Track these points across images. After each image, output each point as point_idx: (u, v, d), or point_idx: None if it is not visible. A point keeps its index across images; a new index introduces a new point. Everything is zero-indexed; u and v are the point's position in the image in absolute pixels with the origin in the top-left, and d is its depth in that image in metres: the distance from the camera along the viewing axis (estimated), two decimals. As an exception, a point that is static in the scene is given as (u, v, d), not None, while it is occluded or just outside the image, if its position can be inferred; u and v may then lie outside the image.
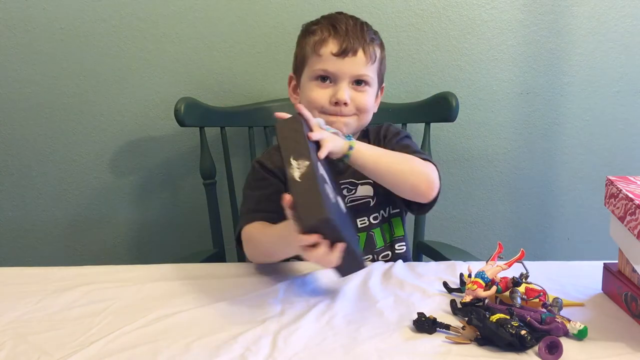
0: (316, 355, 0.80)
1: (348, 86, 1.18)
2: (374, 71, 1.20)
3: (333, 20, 1.20)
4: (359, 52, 1.17)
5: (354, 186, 1.23)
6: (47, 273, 1.11)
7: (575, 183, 1.70)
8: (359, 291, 1.01)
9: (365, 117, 1.21)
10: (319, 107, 1.19)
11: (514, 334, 0.79)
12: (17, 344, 0.84)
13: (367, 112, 1.21)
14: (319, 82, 1.19)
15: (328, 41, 1.17)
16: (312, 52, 1.20)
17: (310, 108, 1.15)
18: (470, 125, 1.65)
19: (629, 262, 0.94)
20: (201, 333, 0.86)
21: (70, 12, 1.58)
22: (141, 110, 1.64)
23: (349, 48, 1.16)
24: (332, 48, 1.17)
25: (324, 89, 1.19)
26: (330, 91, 1.18)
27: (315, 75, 1.19)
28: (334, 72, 1.17)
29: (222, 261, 1.53)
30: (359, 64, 1.17)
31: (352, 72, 1.17)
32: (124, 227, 1.72)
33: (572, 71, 1.63)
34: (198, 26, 1.59)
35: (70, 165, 1.68)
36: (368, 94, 1.20)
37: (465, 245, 1.67)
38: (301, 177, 0.86)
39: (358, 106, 1.19)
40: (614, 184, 0.97)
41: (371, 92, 1.21)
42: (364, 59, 1.17)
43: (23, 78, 1.62)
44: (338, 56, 1.16)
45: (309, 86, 1.20)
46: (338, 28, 1.18)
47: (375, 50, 1.19)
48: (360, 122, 1.21)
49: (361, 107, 1.19)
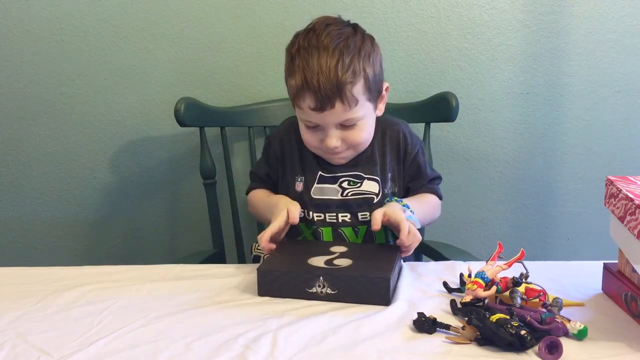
0: (316, 355, 0.80)
1: (336, 129, 1.16)
2: (361, 108, 1.14)
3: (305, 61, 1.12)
4: (336, 104, 1.11)
5: (360, 179, 1.23)
6: (47, 273, 1.11)
7: (575, 183, 1.70)
8: (359, 291, 1.01)
9: (362, 147, 1.22)
10: (312, 149, 1.22)
11: (514, 334, 0.79)
12: (17, 344, 0.84)
13: (362, 143, 1.20)
14: (307, 128, 1.19)
15: (305, 95, 1.12)
16: (293, 101, 1.17)
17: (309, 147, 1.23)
18: (470, 125, 1.65)
19: (629, 262, 0.94)
20: (201, 333, 0.86)
21: (70, 12, 1.58)
22: (141, 110, 1.64)
23: (325, 104, 1.11)
24: (309, 103, 1.12)
25: (313, 133, 1.18)
26: (319, 135, 1.17)
27: (303, 122, 1.19)
28: (317, 123, 1.16)
29: (222, 261, 1.53)
30: (338, 113, 1.13)
31: (334, 121, 1.14)
32: (124, 227, 1.72)
33: (572, 71, 1.62)
34: (198, 26, 1.59)
35: (70, 165, 1.68)
36: (360, 128, 1.17)
37: (465, 245, 1.67)
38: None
39: (350, 143, 1.18)
40: (614, 184, 0.97)
41: (364, 122, 1.17)
42: (342, 108, 1.12)
43: (23, 78, 1.62)
44: (317, 111, 1.12)
45: (301, 127, 1.21)
46: (309, 80, 1.10)
47: (354, 93, 1.12)
48: (357, 151, 1.22)
49: (353, 143, 1.18)
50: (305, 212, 1.23)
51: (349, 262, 1.03)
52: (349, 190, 1.22)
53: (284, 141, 1.29)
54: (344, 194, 1.22)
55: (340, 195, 1.22)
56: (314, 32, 1.15)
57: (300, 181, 1.25)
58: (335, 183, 1.23)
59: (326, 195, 1.22)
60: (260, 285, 1.00)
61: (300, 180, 1.25)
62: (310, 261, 1.03)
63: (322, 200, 1.22)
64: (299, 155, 1.27)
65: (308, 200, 1.23)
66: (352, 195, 1.22)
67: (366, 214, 1.22)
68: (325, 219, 1.22)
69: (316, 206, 1.22)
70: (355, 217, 1.22)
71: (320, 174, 1.24)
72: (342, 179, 1.23)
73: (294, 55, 1.15)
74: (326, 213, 1.22)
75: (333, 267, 1.01)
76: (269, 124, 1.55)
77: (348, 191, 1.22)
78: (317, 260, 1.03)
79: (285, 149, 1.29)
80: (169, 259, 1.53)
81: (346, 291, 0.97)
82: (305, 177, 1.25)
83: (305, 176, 1.25)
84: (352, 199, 1.22)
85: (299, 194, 1.24)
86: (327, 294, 0.97)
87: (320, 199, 1.23)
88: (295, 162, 1.27)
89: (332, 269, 1.00)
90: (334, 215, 1.22)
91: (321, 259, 1.04)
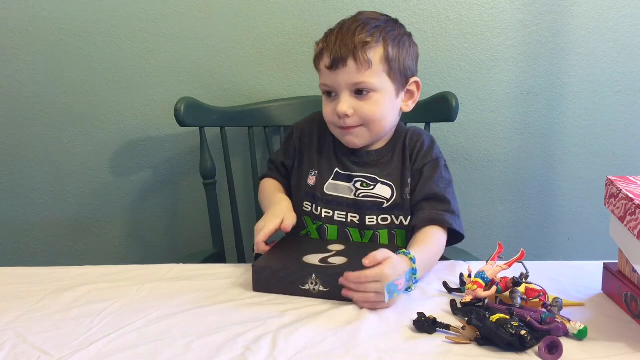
0: (316, 355, 0.80)
1: (350, 97, 1.15)
2: (375, 75, 1.14)
3: (332, 29, 1.18)
4: (348, 61, 1.12)
5: (374, 182, 1.21)
6: (47, 273, 1.11)
7: (575, 183, 1.70)
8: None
9: (378, 126, 1.18)
10: (330, 123, 1.21)
11: (514, 334, 0.79)
12: (17, 344, 0.84)
13: (376, 121, 1.17)
14: (326, 97, 1.20)
15: (323, 54, 1.16)
16: (315, 67, 1.21)
17: (327, 124, 1.23)
18: (470, 125, 1.65)
19: (629, 262, 0.94)
20: (201, 333, 0.86)
21: (70, 12, 1.58)
22: (141, 110, 1.64)
23: (337, 59, 1.12)
24: (325, 61, 1.15)
25: (330, 103, 1.19)
26: (334, 105, 1.17)
27: (322, 91, 1.20)
28: (331, 86, 1.16)
29: (222, 261, 1.53)
30: (350, 73, 1.13)
31: (347, 81, 1.14)
32: (124, 227, 1.72)
33: (572, 71, 1.63)
34: (198, 26, 1.59)
35: (70, 165, 1.68)
36: (374, 101, 1.15)
37: (465, 245, 1.66)
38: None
39: (362, 116, 1.16)
40: (614, 184, 0.97)
41: (380, 97, 1.15)
42: (355, 68, 1.12)
43: (23, 78, 1.62)
44: (330, 69, 1.14)
45: (323, 101, 1.22)
46: (329, 39, 1.15)
47: (368, 54, 1.12)
48: (373, 132, 1.19)
49: (366, 117, 1.16)
50: (313, 206, 1.23)
51: (343, 260, 1.04)
52: (361, 191, 1.21)
53: (305, 132, 1.30)
54: (357, 195, 1.21)
55: (353, 195, 1.21)
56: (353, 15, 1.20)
57: (314, 175, 1.24)
58: (350, 182, 1.22)
59: (339, 193, 1.22)
60: (255, 281, 1.02)
61: (314, 174, 1.24)
62: (306, 259, 1.04)
63: (334, 198, 1.22)
64: (318, 148, 1.27)
65: (320, 195, 1.22)
66: (363, 197, 1.21)
67: (373, 218, 1.20)
68: (333, 217, 1.21)
69: (327, 202, 1.22)
70: (363, 220, 1.21)
71: (337, 170, 1.23)
72: (357, 179, 1.22)
73: (329, 31, 1.19)
74: (336, 211, 1.21)
75: (327, 265, 1.02)
76: (269, 124, 1.55)
77: (360, 192, 1.21)
78: (312, 258, 1.05)
79: (305, 140, 1.29)
80: (169, 259, 1.52)
81: (338, 289, 0.97)
82: (320, 172, 1.24)
83: (321, 171, 1.24)
84: (362, 200, 1.21)
85: (310, 187, 1.24)
86: (319, 291, 0.99)
87: (333, 195, 1.22)
88: (312, 154, 1.27)
89: (325, 267, 1.01)
90: (344, 214, 1.21)
91: (316, 257, 1.05)
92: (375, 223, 1.20)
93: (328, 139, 1.27)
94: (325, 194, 1.22)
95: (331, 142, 1.26)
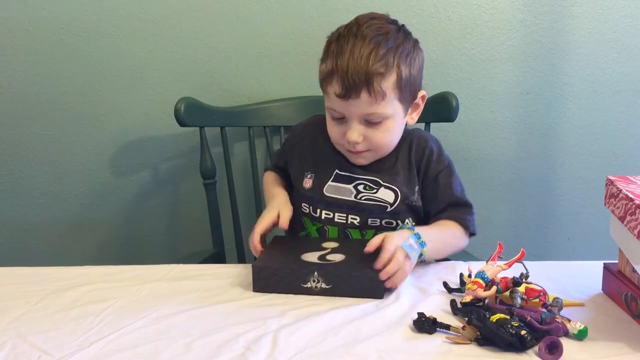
0: (316, 355, 0.80)
1: (359, 124, 1.13)
2: (388, 105, 1.11)
3: (340, 46, 1.10)
4: (362, 94, 1.08)
5: (377, 186, 1.20)
6: (47, 273, 1.11)
7: (575, 183, 1.70)
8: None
9: (384, 150, 1.19)
10: (336, 143, 1.20)
11: (514, 334, 0.79)
12: (17, 344, 0.84)
13: (383, 146, 1.17)
14: (333, 118, 1.17)
15: (332, 79, 1.10)
16: (322, 85, 1.16)
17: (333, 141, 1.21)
18: (470, 125, 1.65)
19: (629, 262, 0.94)
20: (201, 333, 0.86)
21: (70, 12, 1.58)
22: (141, 110, 1.64)
23: (350, 90, 1.08)
24: (335, 88, 1.10)
25: (338, 125, 1.16)
26: (343, 129, 1.15)
27: (328, 110, 1.17)
28: (342, 113, 1.14)
29: (222, 261, 1.54)
30: (362, 104, 1.09)
31: (359, 113, 1.11)
32: (124, 227, 1.72)
33: (572, 71, 1.63)
34: (198, 26, 1.59)
35: (70, 165, 1.68)
36: (384, 128, 1.14)
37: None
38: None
39: (372, 144, 1.15)
40: (614, 184, 0.97)
41: (391, 124, 1.14)
42: (367, 99, 1.08)
43: (23, 78, 1.62)
44: (341, 98, 1.09)
45: (327, 119, 1.20)
46: (339, 63, 1.08)
47: (383, 86, 1.08)
48: (379, 153, 1.19)
49: (375, 145, 1.16)
50: (311, 208, 1.22)
51: (341, 257, 1.05)
52: (363, 194, 1.20)
53: (301, 135, 1.30)
54: (358, 197, 1.20)
55: (353, 197, 1.20)
56: (356, 23, 1.13)
57: (310, 178, 1.23)
58: (350, 183, 1.21)
59: (340, 195, 1.21)
60: (255, 281, 1.02)
61: (310, 177, 1.23)
62: (304, 257, 1.05)
63: (334, 200, 1.20)
64: (314, 152, 1.26)
65: (318, 198, 1.21)
66: (366, 200, 1.20)
67: (376, 220, 1.20)
68: (333, 218, 1.21)
69: (327, 204, 1.21)
70: (364, 222, 1.20)
71: (337, 172, 1.22)
72: (359, 182, 1.21)
73: (331, 42, 1.14)
74: (336, 212, 1.20)
75: (327, 262, 1.02)
76: (269, 124, 1.55)
77: (362, 195, 1.20)
78: (310, 256, 1.05)
79: (301, 142, 1.29)
80: (169, 259, 1.52)
81: (340, 286, 0.98)
82: (317, 174, 1.23)
83: (318, 173, 1.23)
84: (365, 203, 1.20)
85: (307, 190, 1.23)
86: (321, 288, 0.99)
87: (333, 197, 1.21)
88: (307, 157, 1.26)
89: (326, 264, 1.01)
90: (344, 215, 1.20)
91: (314, 255, 1.06)
92: (378, 224, 1.20)
93: (326, 142, 1.25)
94: (325, 195, 1.21)
95: (330, 144, 1.25)
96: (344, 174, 1.22)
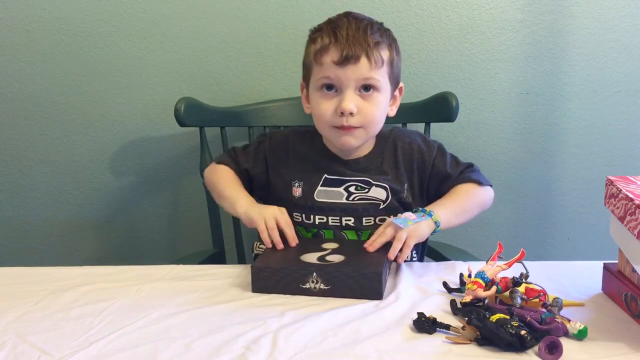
0: (316, 355, 0.80)
1: (354, 93, 1.14)
2: (382, 75, 1.15)
3: (335, 25, 1.15)
4: (361, 58, 1.11)
5: (368, 185, 1.21)
6: (47, 273, 1.11)
7: (575, 183, 1.70)
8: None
9: (373, 129, 1.19)
10: (327, 122, 1.17)
11: (514, 334, 0.79)
12: (17, 344, 0.84)
13: (374, 123, 1.18)
14: (324, 92, 1.16)
15: (329, 49, 1.13)
16: (314, 61, 1.16)
17: (320, 123, 1.19)
18: (470, 125, 1.65)
19: (629, 262, 0.94)
20: (201, 333, 0.86)
21: (70, 12, 1.58)
22: (141, 110, 1.64)
23: (350, 55, 1.11)
24: (333, 56, 1.12)
25: (329, 99, 1.15)
26: (335, 101, 1.15)
27: (319, 85, 1.16)
28: (336, 80, 1.14)
29: (222, 261, 1.53)
30: (362, 69, 1.12)
31: (356, 78, 1.13)
32: (124, 227, 1.72)
33: (572, 71, 1.63)
34: (198, 26, 1.59)
35: (70, 165, 1.68)
36: (377, 102, 1.15)
37: (465, 245, 1.67)
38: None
39: (365, 118, 1.15)
40: (614, 184, 0.97)
41: (381, 99, 1.16)
42: (367, 65, 1.12)
43: (23, 78, 1.62)
44: (339, 64, 1.12)
45: (315, 98, 1.18)
46: (338, 34, 1.12)
47: (381, 54, 1.13)
48: (369, 134, 1.20)
49: (368, 120, 1.16)
50: (304, 216, 1.22)
51: (341, 258, 1.05)
52: (356, 195, 1.21)
53: (280, 147, 1.28)
54: (350, 198, 1.21)
55: (345, 199, 1.21)
56: (340, 14, 1.19)
57: (299, 186, 1.23)
58: (340, 186, 1.21)
59: (331, 199, 1.21)
60: (254, 281, 1.02)
61: (299, 185, 1.23)
62: (304, 258, 1.05)
63: (327, 204, 1.21)
64: (299, 160, 1.26)
65: (310, 204, 1.22)
66: (359, 200, 1.21)
67: (370, 219, 1.21)
68: (327, 222, 1.21)
69: (320, 209, 1.21)
70: (359, 222, 1.21)
71: (326, 176, 1.22)
72: (350, 184, 1.21)
73: (322, 27, 1.18)
74: (329, 216, 1.21)
75: (326, 263, 1.02)
76: (269, 124, 1.55)
77: (355, 196, 1.21)
78: (310, 257, 1.05)
79: (280, 154, 1.27)
80: (169, 259, 1.52)
81: (339, 286, 0.98)
82: (306, 181, 1.23)
83: (306, 180, 1.23)
84: (358, 203, 1.20)
85: (297, 198, 1.23)
86: (320, 289, 0.99)
87: (325, 202, 1.21)
88: (293, 166, 1.25)
89: (325, 265, 1.02)
90: (337, 218, 1.21)
91: (314, 256, 1.06)
92: (372, 223, 1.20)
93: (310, 148, 1.26)
94: (316, 201, 1.21)
95: (315, 150, 1.25)
96: (333, 177, 1.22)
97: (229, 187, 1.25)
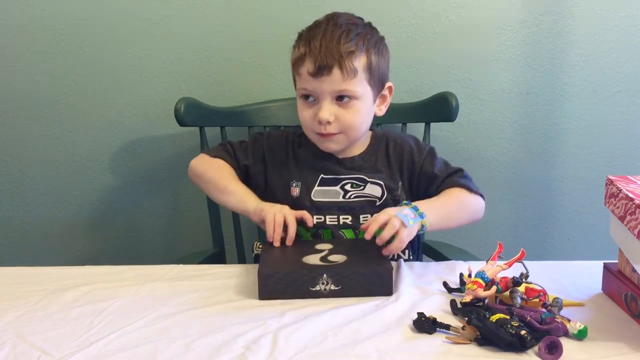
0: (316, 355, 0.80)
1: (331, 103, 1.15)
2: (359, 84, 1.15)
3: (312, 33, 1.16)
4: (334, 69, 1.12)
5: (363, 182, 1.23)
6: (47, 273, 1.11)
7: (575, 183, 1.70)
8: (359, 291, 1.01)
9: (354, 133, 1.20)
10: (309, 128, 1.20)
11: (514, 334, 0.79)
12: (17, 344, 0.84)
13: (354, 128, 1.19)
14: (304, 101, 1.19)
15: (305, 60, 1.15)
16: (294, 69, 1.20)
17: (304, 128, 1.22)
18: (470, 125, 1.65)
19: (629, 262, 0.94)
20: (201, 333, 0.86)
21: (70, 12, 1.58)
22: (141, 110, 1.64)
23: (322, 67, 1.12)
24: (308, 67, 1.14)
25: (309, 108, 1.18)
26: (314, 110, 1.17)
27: (300, 94, 1.20)
28: (313, 91, 1.16)
29: (222, 261, 1.53)
30: (335, 81, 1.13)
31: (330, 90, 1.14)
32: (124, 227, 1.72)
33: (572, 71, 1.63)
34: (198, 26, 1.59)
35: (70, 165, 1.68)
36: (355, 110, 1.16)
37: (465, 245, 1.66)
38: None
39: (342, 123, 1.17)
40: (614, 184, 0.97)
41: (360, 106, 1.17)
42: (340, 76, 1.13)
43: (23, 78, 1.62)
44: (314, 76, 1.13)
45: (299, 104, 1.21)
46: (312, 45, 1.14)
47: (354, 64, 1.13)
48: (350, 138, 1.21)
49: (345, 125, 1.17)
50: None
51: (343, 257, 1.04)
52: (352, 192, 1.22)
53: (277, 146, 1.29)
54: (347, 197, 1.22)
55: (342, 197, 1.22)
56: (326, 17, 1.20)
57: (296, 186, 1.24)
58: (336, 185, 1.23)
59: (328, 198, 1.22)
60: (261, 288, 0.98)
61: (296, 185, 1.24)
62: (306, 260, 1.04)
63: (324, 203, 1.22)
64: (295, 160, 1.27)
65: (307, 204, 1.22)
66: (355, 198, 1.22)
67: (367, 216, 1.21)
68: (325, 221, 1.22)
69: (317, 208, 1.22)
70: (356, 219, 1.22)
71: (322, 176, 1.24)
72: (345, 182, 1.23)
73: (303, 33, 1.19)
74: (327, 215, 1.22)
75: (332, 263, 1.02)
76: (269, 124, 1.55)
77: (351, 193, 1.22)
78: (312, 259, 1.04)
79: (277, 154, 1.28)
80: (169, 259, 1.52)
81: (349, 285, 0.98)
82: (303, 182, 1.24)
83: (304, 180, 1.24)
84: (355, 201, 1.22)
85: (295, 198, 1.23)
86: (330, 290, 0.98)
87: (322, 201, 1.22)
88: (290, 166, 1.26)
89: (332, 265, 1.01)
90: (335, 217, 1.22)
91: (316, 257, 1.05)
92: None
93: (306, 149, 1.26)
94: (313, 201, 1.22)
95: (310, 151, 1.26)
96: (329, 177, 1.23)
97: (233, 182, 1.24)
